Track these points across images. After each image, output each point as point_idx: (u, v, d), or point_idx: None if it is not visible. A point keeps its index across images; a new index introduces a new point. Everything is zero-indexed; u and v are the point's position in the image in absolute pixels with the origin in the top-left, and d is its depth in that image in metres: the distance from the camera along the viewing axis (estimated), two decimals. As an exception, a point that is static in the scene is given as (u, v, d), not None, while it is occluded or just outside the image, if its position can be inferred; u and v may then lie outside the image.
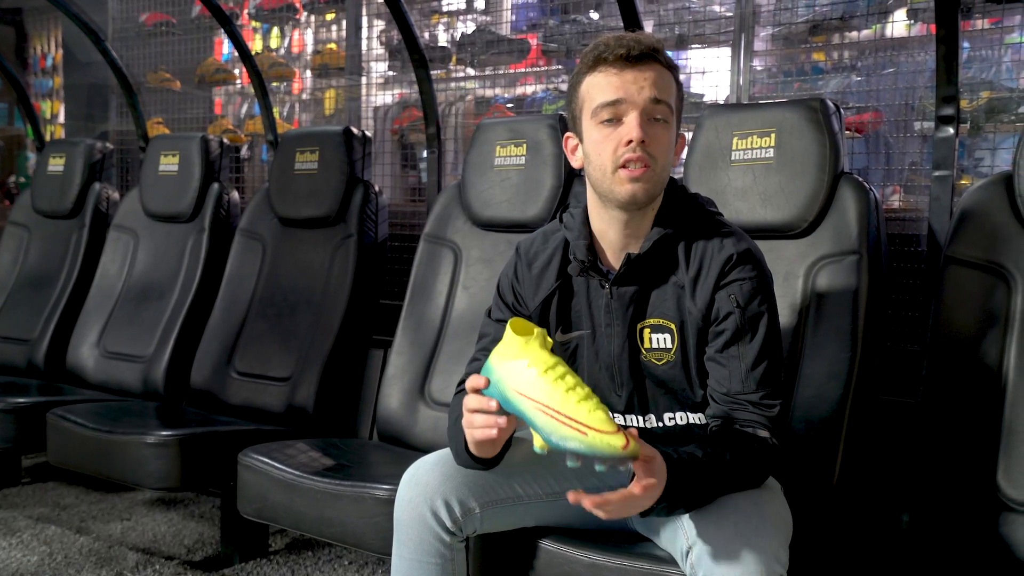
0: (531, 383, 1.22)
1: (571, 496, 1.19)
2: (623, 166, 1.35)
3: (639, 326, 1.44)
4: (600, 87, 1.37)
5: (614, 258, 1.45)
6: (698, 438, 1.37)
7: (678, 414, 1.46)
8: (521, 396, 1.23)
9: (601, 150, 1.38)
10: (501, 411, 1.28)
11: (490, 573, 1.59)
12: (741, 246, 1.40)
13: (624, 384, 1.47)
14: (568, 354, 1.51)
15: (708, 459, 1.28)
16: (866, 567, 1.65)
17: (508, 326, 1.28)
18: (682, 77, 1.44)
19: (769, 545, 1.25)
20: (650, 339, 1.44)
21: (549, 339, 1.28)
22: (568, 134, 1.48)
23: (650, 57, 1.35)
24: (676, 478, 1.22)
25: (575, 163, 1.47)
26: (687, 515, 1.33)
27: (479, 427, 1.29)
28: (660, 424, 1.48)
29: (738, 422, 1.35)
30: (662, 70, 1.37)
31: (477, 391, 1.29)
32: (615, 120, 1.36)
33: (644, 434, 1.50)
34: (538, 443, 1.22)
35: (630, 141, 1.34)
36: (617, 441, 1.15)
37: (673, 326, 1.42)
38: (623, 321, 1.44)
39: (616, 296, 1.44)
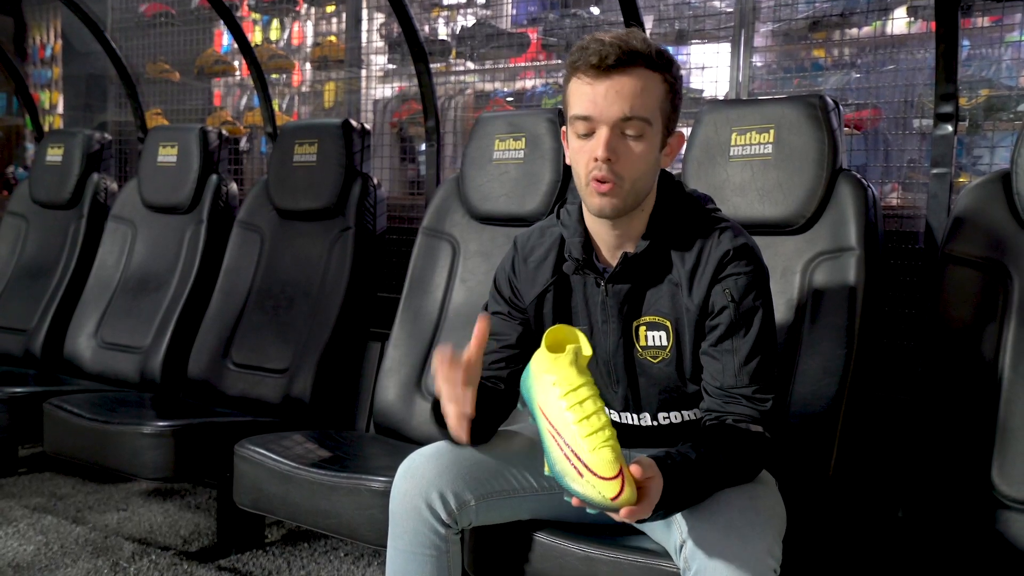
0: (551, 403, 1.21)
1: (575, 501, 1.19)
2: (594, 180, 1.34)
3: (635, 324, 1.44)
4: (576, 96, 1.34)
5: (610, 255, 1.45)
6: (692, 436, 1.37)
7: (672, 412, 1.47)
8: (541, 414, 1.22)
9: (576, 160, 1.37)
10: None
11: (485, 565, 1.59)
12: (738, 241, 1.40)
13: (620, 381, 1.47)
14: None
15: (702, 460, 1.28)
16: (860, 562, 1.65)
17: (545, 334, 1.26)
18: (682, 72, 1.42)
19: (763, 539, 1.26)
20: (645, 337, 1.44)
21: (588, 351, 1.24)
22: (563, 128, 1.47)
23: (627, 63, 1.30)
24: (672, 486, 1.22)
25: (568, 158, 1.46)
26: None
27: (446, 398, 1.35)
28: (655, 422, 1.49)
29: (731, 416, 1.36)
30: (642, 75, 1.31)
31: (479, 340, 1.31)
32: (588, 133, 1.34)
33: (639, 431, 1.50)
34: (546, 467, 1.22)
35: (597, 158, 1.33)
36: (609, 491, 1.13)
37: (668, 323, 1.42)
38: (618, 318, 1.44)
39: (612, 294, 1.44)
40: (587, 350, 1.25)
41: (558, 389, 1.20)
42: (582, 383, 1.21)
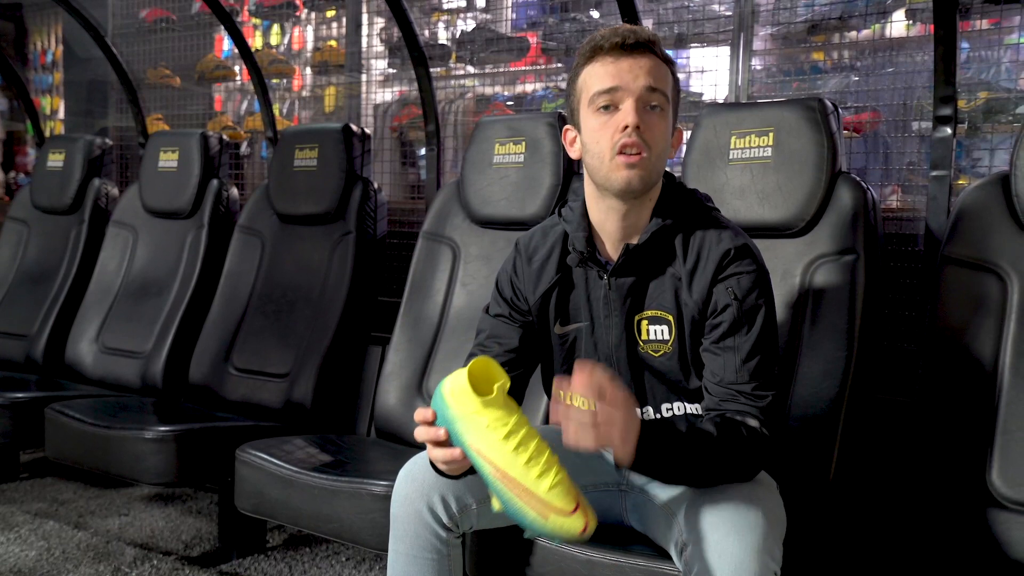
0: (492, 447, 1.19)
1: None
2: (621, 152, 1.36)
3: (636, 318, 1.45)
4: (597, 75, 1.38)
5: (613, 249, 1.46)
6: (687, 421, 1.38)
7: (675, 404, 1.47)
8: (481, 457, 1.21)
9: (599, 137, 1.39)
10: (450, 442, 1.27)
11: (486, 569, 1.60)
12: (739, 241, 1.41)
13: (622, 375, 1.47)
14: (567, 346, 1.52)
15: (691, 431, 1.29)
16: (860, 564, 1.65)
17: (467, 372, 1.23)
18: (681, 76, 1.45)
19: (763, 542, 1.26)
20: (647, 331, 1.45)
21: (508, 384, 1.23)
22: (567, 127, 1.49)
23: (645, 47, 1.37)
24: (650, 434, 1.23)
25: (574, 154, 1.48)
26: (682, 511, 1.34)
27: (441, 461, 1.30)
28: (658, 415, 1.49)
29: (729, 412, 1.36)
30: (658, 61, 1.39)
31: (427, 423, 1.28)
32: (612, 107, 1.37)
33: (642, 425, 1.50)
34: (495, 504, 1.21)
35: (626, 127, 1.35)
36: (576, 525, 1.14)
37: (670, 318, 1.43)
38: (621, 312, 1.45)
39: (614, 287, 1.44)
40: (507, 383, 1.23)
41: (496, 432, 1.19)
42: (515, 419, 1.20)
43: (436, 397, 1.27)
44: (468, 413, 1.21)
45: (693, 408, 1.47)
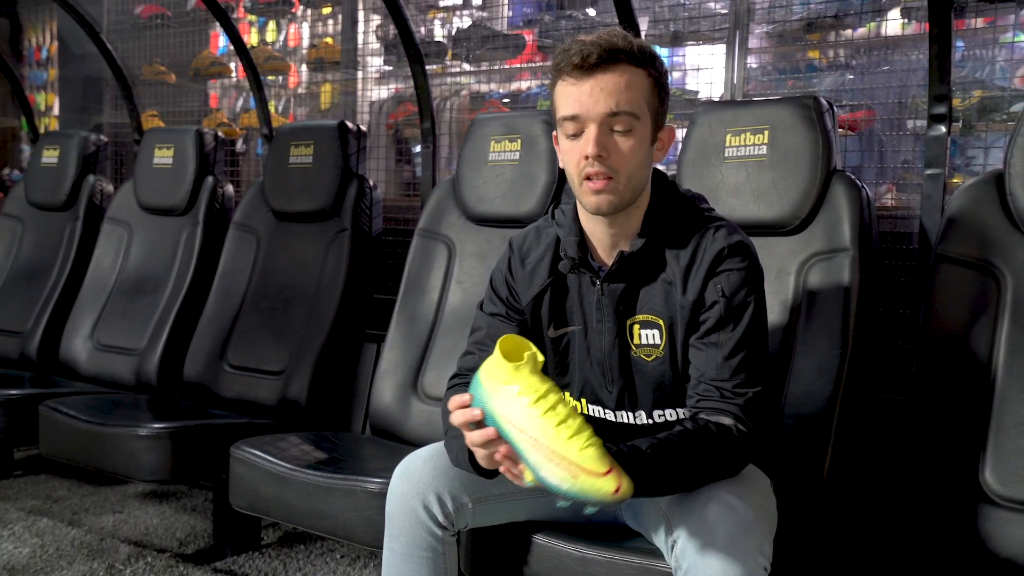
0: (521, 413, 1.19)
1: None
2: (587, 178, 1.35)
3: (629, 322, 1.45)
4: (562, 98, 1.36)
5: (605, 255, 1.46)
6: (649, 432, 1.35)
7: (667, 410, 1.47)
8: (511, 425, 1.20)
9: (567, 160, 1.39)
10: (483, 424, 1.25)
11: (481, 567, 1.60)
12: (733, 239, 1.41)
13: (615, 380, 1.47)
14: (560, 349, 1.51)
15: (653, 449, 1.26)
16: (854, 562, 1.66)
17: (498, 345, 1.24)
18: (677, 74, 1.43)
19: (753, 538, 1.26)
20: (639, 335, 1.44)
21: (541, 357, 1.23)
22: (555, 132, 1.48)
23: (610, 60, 1.32)
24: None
25: (560, 161, 1.47)
26: (672, 508, 1.34)
27: (478, 443, 1.25)
28: (650, 420, 1.49)
29: (703, 411, 1.35)
30: (626, 71, 1.33)
31: (463, 407, 1.26)
32: (576, 133, 1.36)
33: (634, 430, 1.50)
34: (528, 476, 1.20)
35: (587, 156, 1.33)
36: (608, 486, 1.13)
37: (662, 322, 1.43)
38: (613, 317, 1.44)
39: (607, 293, 1.44)
40: (540, 356, 1.24)
41: (526, 398, 1.19)
42: (547, 388, 1.20)
43: (473, 381, 1.27)
44: (500, 385, 1.21)
45: (685, 412, 1.46)
